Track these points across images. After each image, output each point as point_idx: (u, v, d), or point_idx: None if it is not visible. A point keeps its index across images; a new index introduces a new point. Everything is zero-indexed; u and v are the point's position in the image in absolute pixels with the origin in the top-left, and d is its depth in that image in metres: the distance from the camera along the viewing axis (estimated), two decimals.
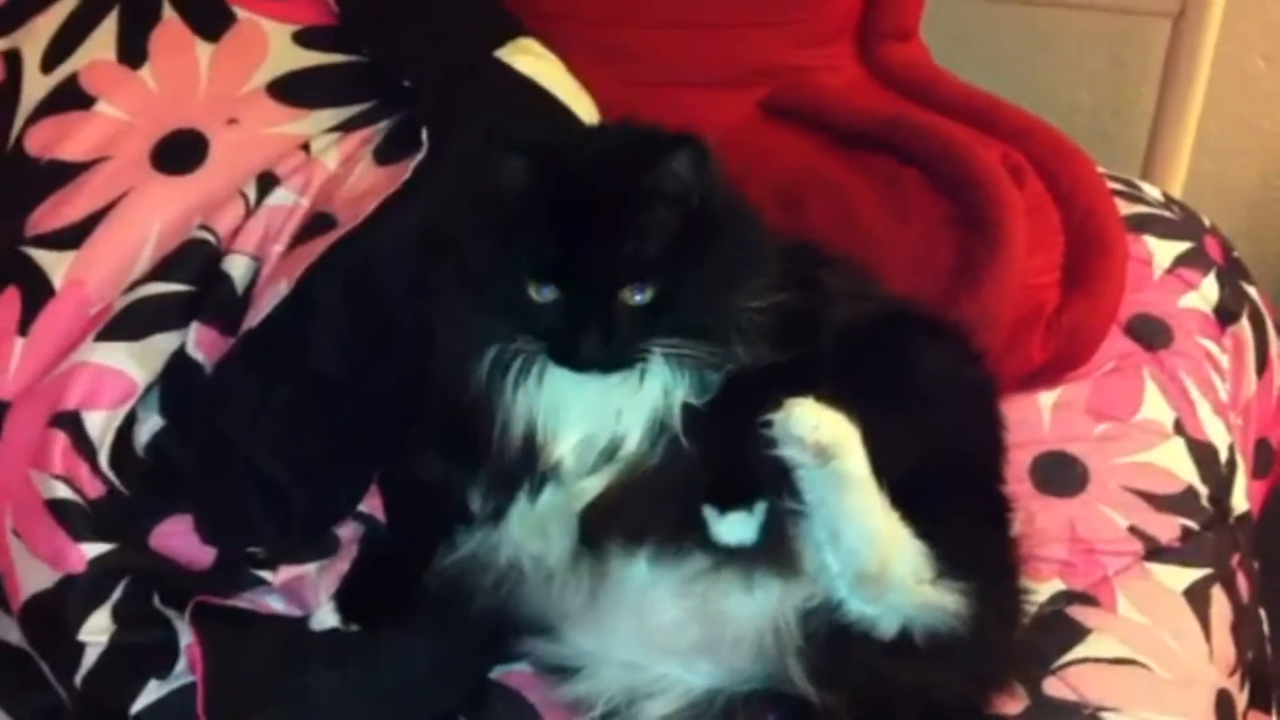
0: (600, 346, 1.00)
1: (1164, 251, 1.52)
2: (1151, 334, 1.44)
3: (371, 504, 1.23)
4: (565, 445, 1.06)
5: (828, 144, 1.49)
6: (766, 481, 1.03)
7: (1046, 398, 1.38)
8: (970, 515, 1.10)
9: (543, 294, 1.01)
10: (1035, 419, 1.36)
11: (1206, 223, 1.60)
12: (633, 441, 1.05)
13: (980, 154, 1.40)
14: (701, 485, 1.04)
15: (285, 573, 1.20)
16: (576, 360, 1.01)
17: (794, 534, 1.04)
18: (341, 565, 1.19)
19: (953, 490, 1.09)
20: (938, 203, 1.38)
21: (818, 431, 1.00)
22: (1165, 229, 1.55)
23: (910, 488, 1.04)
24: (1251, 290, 1.55)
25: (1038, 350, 1.35)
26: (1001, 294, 1.31)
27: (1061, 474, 1.31)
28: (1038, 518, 1.23)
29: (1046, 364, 1.37)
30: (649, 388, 1.05)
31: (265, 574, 1.20)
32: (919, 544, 1.03)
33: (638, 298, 1.00)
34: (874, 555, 1.01)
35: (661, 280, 1.00)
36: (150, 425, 1.22)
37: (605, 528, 1.07)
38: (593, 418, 1.06)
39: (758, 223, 1.10)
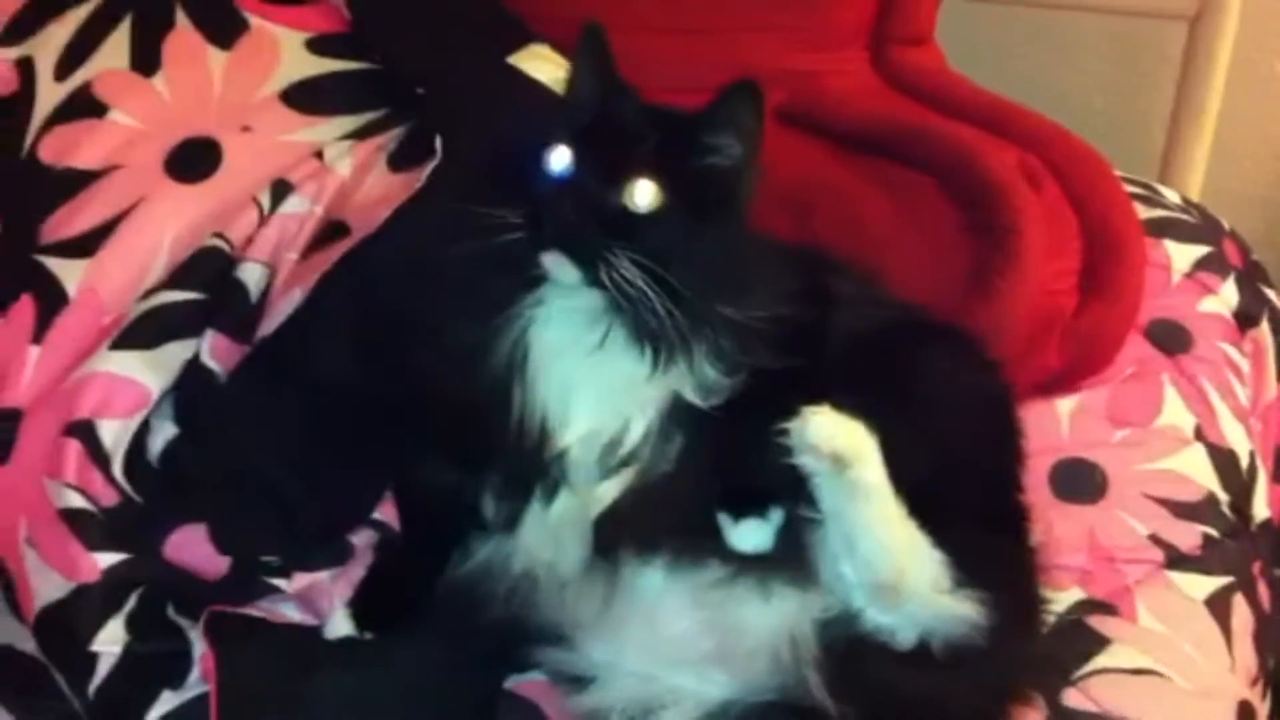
0: (576, 216, 0.99)
1: (1182, 256, 1.51)
2: (1171, 339, 1.43)
3: (386, 511, 1.23)
4: (574, 434, 1.05)
5: (840, 150, 1.48)
6: (782, 489, 1.02)
7: (1065, 404, 1.37)
8: (988, 524, 1.09)
9: (558, 160, 1.01)
10: (1054, 425, 1.35)
11: (1225, 226, 1.59)
12: (637, 434, 1.05)
13: (995, 159, 1.39)
14: (716, 493, 1.03)
15: (299, 580, 1.20)
16: (552, 225, 0.99)
17: (811, 543, 1.03)
18: (355, 572, 1.19)
19: (970, 499, 1.08)
20: (952, 210, 1.37)
21: (834, 440, 0.98)
22: (1183, 233, 1.54)
23: (927, 497, 1.03)
24: (1271, 294, 1.54)
25: (1055, 356, 1.35)
26: (1017, 301, 1.30)
27: (1081, 481, 1.30)
28: (1056, 525, 1.22)
29: (1064, 370, 1.36)
30: (657, 383, 1.04)
31: (279, 582, 1.20)
32: (936, 554, 1.02)
33: (638, 199, 1.00)
34: (891, 565, 1.01)
35: (666, 207, 1.00)
36: (164, 434, 1.22)
37: (619, 536, 1.06)
38: (601, 409, 1.05)
39: (760, 234, 1.10)
